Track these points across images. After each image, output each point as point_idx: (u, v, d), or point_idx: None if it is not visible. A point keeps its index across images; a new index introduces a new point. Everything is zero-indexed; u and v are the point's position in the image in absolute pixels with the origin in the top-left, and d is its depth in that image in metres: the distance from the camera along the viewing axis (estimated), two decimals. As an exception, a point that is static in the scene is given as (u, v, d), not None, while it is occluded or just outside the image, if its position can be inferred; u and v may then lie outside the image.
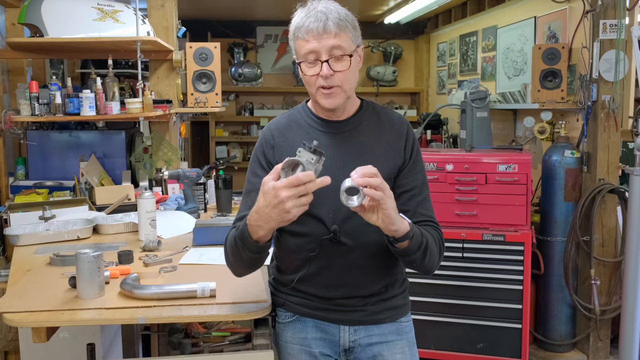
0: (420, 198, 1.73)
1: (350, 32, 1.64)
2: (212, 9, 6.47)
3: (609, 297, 3.92)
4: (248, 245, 1.57)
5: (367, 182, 1.44)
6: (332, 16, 1.61)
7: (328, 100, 1.67)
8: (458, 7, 6.24)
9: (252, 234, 1.54)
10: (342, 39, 1.62)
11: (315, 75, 1.64)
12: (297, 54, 1.67)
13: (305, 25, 1.61)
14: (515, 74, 5.04)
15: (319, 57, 1.62)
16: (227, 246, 1.69)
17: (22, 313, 1.76)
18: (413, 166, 1.76)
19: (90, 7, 3.39)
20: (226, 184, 3.24)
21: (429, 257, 1.63)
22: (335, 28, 1.60)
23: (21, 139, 3.81)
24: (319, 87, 1.65)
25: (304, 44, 1.63)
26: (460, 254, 3.65)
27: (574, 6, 4.18)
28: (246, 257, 1.60)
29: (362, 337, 1.78)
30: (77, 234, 2.74)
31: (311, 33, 1.60)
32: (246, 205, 1.72)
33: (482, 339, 3.66)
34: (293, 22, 1.67)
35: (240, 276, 1.75)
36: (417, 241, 1.57)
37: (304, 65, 1.65)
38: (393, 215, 1.49)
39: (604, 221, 3.91)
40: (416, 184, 1.73)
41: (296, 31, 1.65)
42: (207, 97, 3.76)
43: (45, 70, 4.54)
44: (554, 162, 3.96)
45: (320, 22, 1.59)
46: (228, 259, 1.71)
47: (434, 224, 1.73)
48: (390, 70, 7.35)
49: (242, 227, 1.58)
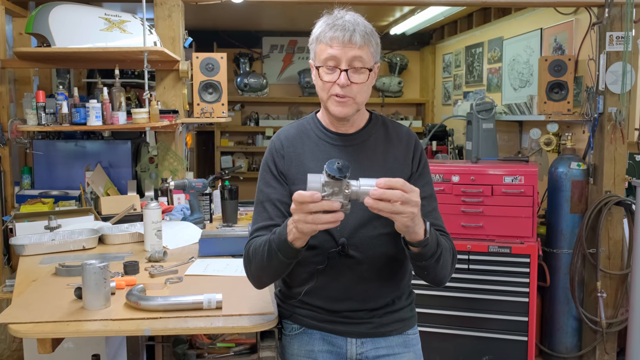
0: (429, 209, 1.72)
1: (372, 48, 1.65)
2: (218, 19, 6.48)
3: (616, 309, 3.90)
4: (283, 249, 1.54)
5: (384, 195, 1.40)
6: (359, 28, 1.61)
7: (339, 109, 1.66)
8: (464, 19, 6.25)
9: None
10: (364, 52, 1.62)
11: (332, 82, 1.64)
12: (317, 57, 1.67)
13: (332, 31, 1.61)
14: (521, 85, 5.03)
15: (338, 65, 1.62)
16: (250, 256, 1.67)
17: (27, 324, 1.76)
18: (420, 177, 1.75)
19: (98, 17, 3.40)
20: (232, 194, 3.24)
21: (442, 265, 1.61)
22: (360, 40, 1.61)
23: (27, 148, 3.81)
24: (333, 94, 1.65)
25: (327, 48, 1.63)
26: (466, 266, 3.64)
27: (581, 18, 4.18)
28: (278, 262, 1.57)
29: (369, 350, 1.77)
30: (82, 244, 2.74)
31: (336, 40, 1.61)
32: (261, 215, 1.71)
33: (488, 351, 3.64)
34: (317, 26, 1.67)
35: (263, 287, 1.74)
36: (432, 247, 1.55)
37: (322, 70, 1.65)
38: (401, 228, 1.47)
39: (610, 233, 3.89)
40: (424, 195, 1.71)
41: (321, 35, 1.65)
42: (213, 107, 3.76)
43: (52, 80, 4.56)
44: (560, 174, 3.95)
45: (347, 32, 1.60)
46: (251, 269, 1.69)
47: (445, 235, 1.72)
48: (396, 81, 7.36)
49: (280, 230, 1.55)
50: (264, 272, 1.66)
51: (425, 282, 1.69)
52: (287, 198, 1.70)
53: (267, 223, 1.69)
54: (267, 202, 1.71)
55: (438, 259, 1.58)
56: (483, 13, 5.83)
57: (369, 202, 1.40)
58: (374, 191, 1.39)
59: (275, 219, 1.69)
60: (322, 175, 1.42)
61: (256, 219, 1.73)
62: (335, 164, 1.41)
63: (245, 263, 1.70)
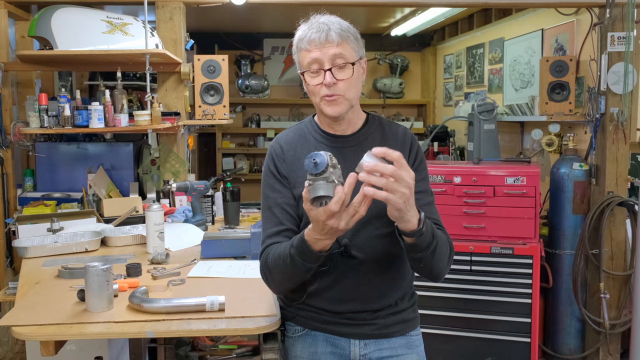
0: (424, 202, 1.70)
1: (352, 43, 1.66)
2: (219, 21, 6.49)
3: (619, 310, 3.89)
4: (309, 258, 1.55)
5: (376, 168, 1.39)
6: (334, 27, 1.63)
7: (331, 108, 1.67)
8: (465, 20, 6.25)
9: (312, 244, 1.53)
10: (344, 48, 1.64)
11: (319, 84, 1.65)
12: (301, 64, 1.69)
13: (308, 36, 1.64)
14: (523, 86, 5.03)
15: (321, 66, 1.64)
16: (270, 266, 1.66)
17: (30, 326, 1.76)
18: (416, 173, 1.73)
19: (100, 20, 3.41)
20: (234, 196, 3.24)
21: (438, 258, 1.60)
22: (337, 37, 1.63)
23: (29, 150, 3.82)
24: (323, 96, 1.66)
25: (307, 54, 1.65)
26: (468, 267, 3.63)
27: (582, 19, 4.18)
28: (305, 269, 1.58)
29: (372, 351, 1.77)
30: (85, 246, 2.74)
31: (313, 43, 1.63)
32: (271, 221, 1.72)
33: (490, 352, 3.63)
34: (296, 35, 1.70)
35: (284, 292, 1.77)
36: (427, 238, 1.53)
37: (307, 75, 1.67)
38: (394, 213, 1.45)
39: (613, 234, 3.89)
40: (419, 189, 1.69)
41: (299, 43, 1.67)
42: (215, 109, 3.76)
43: (54, 83, 4.56)
44: (562, 175, 3.95)
45: (323, 32, 1.62)
46: (272, 278, 1.69)
47: (442, 229, 1.71)
48: (397, 82, 7.36)
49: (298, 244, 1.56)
50: (290, 280, 1.67)
51: (422, 276, 1.69)
52: (292, 201, 1.71)
53: (278, 228, 1.70)
54: (275, 207, 1.72)
55: (434, 250, 1.57)
56: (484, 14, 5.82)
57: (362, 176, 1.39)
58: (367, 163, 1.39)
59: (285, 223, 1.70)
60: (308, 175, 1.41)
61: (266, 225, 1.74)
62: (311, 160, 1.39)
63: (264, 272, 1.70)
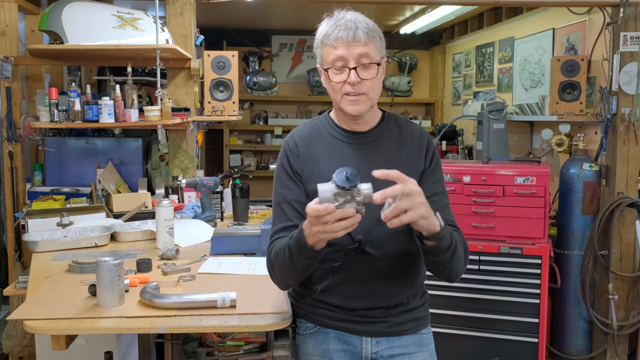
0: (441, 204, 1.71)
1: (377, 43, 1.66)
2: (228, 17, 6.48)
3: (627, 312, 3.88)
4: (305, 252, 1.55)
5: (385, 195, 1.40)
6: (361, 25, 1.62)
7: (353, 107, 1.67)
8: (474, 18, 6.23)
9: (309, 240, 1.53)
10: (370, 47, 1.63)
11: (342, 82, 1.65)
12: (324, 60, 1.68)
13: (335, 32, 1.63)
14: (533, 85, 5.01)
15: (346, 64, 1.63)
16: (272, 260, 1.67)
17: (42, 320, 1.76)
18: (432, 174, 1.75)
19: (110, 15, 3.41)
20: (243, 192, 3.24)
21: (457, 258, 1.61)
22: (364, 37, 1.62)
23: (39, 145, 3.82)
24: (345, 93, 1.66)
25: (333, 50, 1.64)
26: (477, 267, 3.62)
27: (594, 18, 4.16)
28: (301, 264, 1.58)
29: (384, 349, 1.76)
30: (94, 241, 2.74)
31: (340, 40, 1.62)
32: (279, 217, 1.72)
33: (498, 352, 3.63)
34: (320, 30, 1.68)
35: (288, 288, 1.79)
36: (447, 239, 1.54)
37: (331, 71, 1.66)
38: (421, 223, 1.46)
39: (622, 235, 3.87)
40: (436, 191, 1.72)
41: (325, 39, 1.66)
42: (224, 105, 3.76)
43: (63, 77, 4.57)
44: (572, 175, 3.93)
45: (350, 31, 1.61)
46: (275, 273, 1.70)
47: (457, 230, 1.71)
48: (405, 80, 7.34)
49: (297, 235, 1.56)
50: (288, 275, 1.67)
51: (440, 278, 1.68)
52: (303, 198, 1.70)
53: (285, 224, 1.70)
54: (284, 203, 1.72)
55: (454, 252, 1.58)
56: (494, 13, 5.80)
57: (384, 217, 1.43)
58: (374, 196, 1.40)
59: (293, 219, 1.69)
60: (332, 185, 1.41)
61: (275, 220, 1.74)
62: (343, 173, 1.41)
63: (268, 266, 1.71)
